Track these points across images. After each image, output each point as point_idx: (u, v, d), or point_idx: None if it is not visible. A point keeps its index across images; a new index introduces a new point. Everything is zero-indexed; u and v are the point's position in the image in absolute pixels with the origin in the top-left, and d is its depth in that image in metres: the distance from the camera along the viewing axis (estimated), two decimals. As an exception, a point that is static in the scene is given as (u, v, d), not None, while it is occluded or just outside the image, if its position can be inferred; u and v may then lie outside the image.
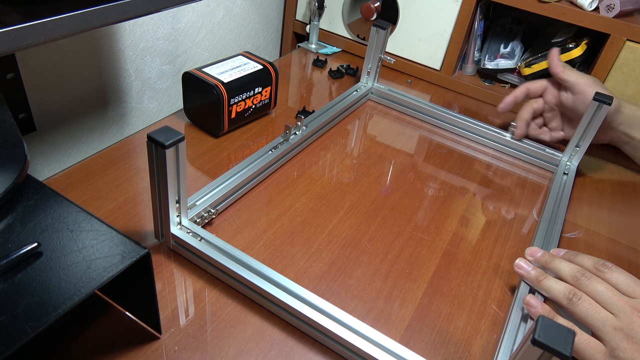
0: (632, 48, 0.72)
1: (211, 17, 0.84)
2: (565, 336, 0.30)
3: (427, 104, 0.78)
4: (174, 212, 0.46)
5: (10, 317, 0.28)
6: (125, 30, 0.69)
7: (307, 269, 0.49)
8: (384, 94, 0.81)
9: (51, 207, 0.36)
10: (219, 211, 0.53)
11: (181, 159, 0.42)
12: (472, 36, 0.87)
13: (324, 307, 0.41)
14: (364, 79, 0.82)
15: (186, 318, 0.42)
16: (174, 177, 0.43)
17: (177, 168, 0.42)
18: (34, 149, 0.64)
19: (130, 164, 0.59)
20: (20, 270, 0.31)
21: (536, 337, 0.29)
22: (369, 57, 0.79)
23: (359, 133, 0.73)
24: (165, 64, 0.79)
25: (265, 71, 0.67)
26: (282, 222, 0.54)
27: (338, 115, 0.74)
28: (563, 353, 0.29)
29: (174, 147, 0.40)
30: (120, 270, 0.32)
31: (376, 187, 0.61)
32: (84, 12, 0.38)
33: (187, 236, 0.46)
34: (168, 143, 0.40)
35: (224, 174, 0.55)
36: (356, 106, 0.79)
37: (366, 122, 0.77)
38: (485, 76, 0.91)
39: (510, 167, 0.71)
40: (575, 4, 0.75)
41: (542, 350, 0.30)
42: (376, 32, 0.76)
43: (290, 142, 0.63)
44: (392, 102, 0.81)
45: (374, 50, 0.78)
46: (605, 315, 0.41)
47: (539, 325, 0.30)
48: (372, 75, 0.81)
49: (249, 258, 0.45)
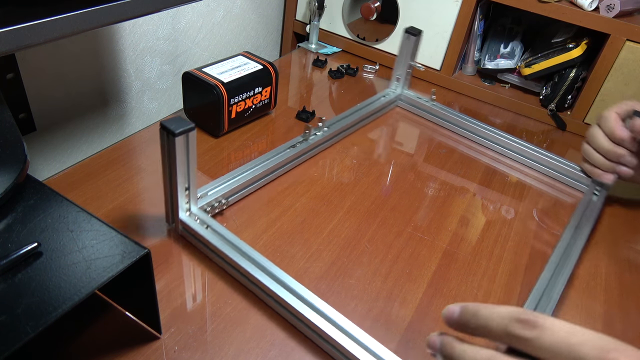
0: (632, 48, 0.72)
1: (211, 17, 0.84)
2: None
3: (458, 115, 0.75)
4: (183, 198, 0.48)
5: (10, 317, 0.28)
6: (125, 30, 0.69)
7: (307, 269, 0.49)
8: (413, 101, 0.79)
9: (51, 207, 0.36)
10: (229, 202, 0.54)
11: (191, 148, 0.44)
12: (472, 36, 0.87)
13: (323, 309, 0.41)
14: (393, 85, 0.80)
15: (193, 303, 0.42)
16: (184, 164, 0.45)
17: (187, 156, 0.45)
18: (34, 149, 0.64)
19: (130, 164, 0.59)
20: (20, 270, 0.31)
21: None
22: (398, 64, 0.78)
23: (382, 139, 0.72)
24: (165, 64, 0.79)
25: (265, 71, 0.67)
26: (282, 222, 0.54)
27: (362, 120, 0.73)
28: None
29: (184, 135, 0.43)
30: (120, 270, 0.32)
31: (376, 187, 0.61)
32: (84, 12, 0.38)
33: (194, 223, 0.48)
34: (178, 131, 0.42)
35: (239, 168, 0.56)
36: (383, 112, 0.78)
37: (392, 129, 0.75)
38: (485, 76, 0.91)
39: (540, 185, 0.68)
40: (575, 4, 0.75)
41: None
42: (407, 38, 0.74)
43: (310, 142, 0.63)
44: (421, 110, 0.79)
45: (404, 56, 0.76)
46: None
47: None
48: (402, 82, 0.79)
49: (252, 250, 0.45)
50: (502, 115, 0.84)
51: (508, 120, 0.83)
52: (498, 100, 0.86)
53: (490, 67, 0.87)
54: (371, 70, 0.91)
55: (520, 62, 0.85)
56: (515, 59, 0.86)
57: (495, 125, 0.76)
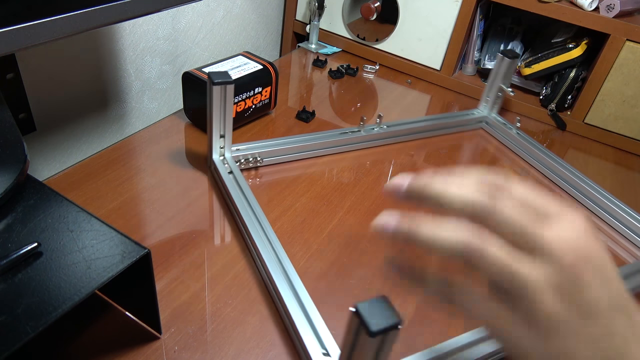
0: (632, 48, 0.72)
1: (211, 17, 0.84)
2: (384, 307, 0.27)
3: (545, 152, 0.69)
4: (217, 142, 0.56)
5: (10, 317, 0.28)
6: (125, 30, 0.69)
7: (307, 269, 0.49)
8: (498, 127, 0.75)
9: (51, 207, 0.36)
10: (263, 163, 0.60)
11: (228, 99, 0.52)
12: (472, 36, 0.87)
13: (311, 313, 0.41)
14: (481, 106, 0.78)
15: (193, 303, 0.42)
16: (220, 112, 0.53)
17: (224, 105, 0.52)
18: (34, 149, 0.64)
19: (130, 164, 0.59)
20: (20, 270, 0.31)
21: (373, 329, 0.27)
22: (490, 85, 0.75)
23: (447, 155, 0.70)
24: (165, 64, 0.79)
25: (265, 71, 0.66)
26: (282, 222, 0.54)
27: (431, 130, 0.72)
28: (396, 323, 0.27)
29: (222, 86, 0.51)
30: (120, 270, 0.32)
31: (376, 187, 0.61)
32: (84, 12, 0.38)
33: (221, 165, 0.56)
34: (217, 81, 0.50)
35: (287, 136, 0.61)
36: (463, 129, 0.76)
37: (467, 149, 0.72)
38: (485, 76, 0.90)
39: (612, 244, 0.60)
40: (575, 4, 0.75)
41: (381, 335, 0.27)
42: (501, 59, 0.71)
43: (363, 134, 0.64)
44: (504, 137, 0.74)
45: (496, 78, 0.73)
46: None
47: (366, 316, 0.27)
48: (490, 104, 0.77)
49: (258, 208, 0.50)
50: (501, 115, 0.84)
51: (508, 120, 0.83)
52: (498, 100, 0.86)
53: (490, 67, 0.87)
54: (371, 70, 0.91)
55: (520, 62, 0.85)
56: (515, 59, 0.86)
57: (588, 173, 0.67)
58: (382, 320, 0.27)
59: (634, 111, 0.76)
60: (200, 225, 0.51)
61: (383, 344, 0.29)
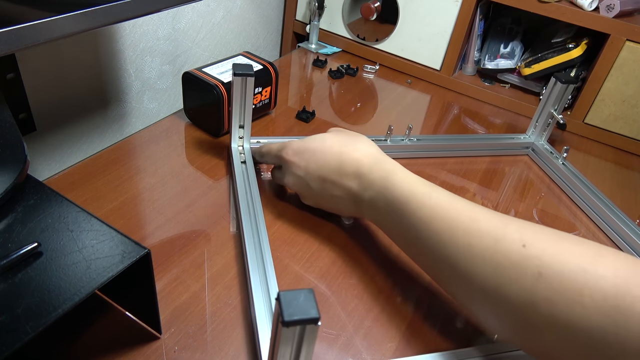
0: (632, 48, 0.72)
1: (211, 17, 0.84)
2: (307, 299, 0.28)
3: (591, 189, 0.63)
4: (236, 132, 0.59)
5: (10, 317, 0.28)
6: (125, 30, 0.69)
7: (307, 269, 0.49)
8: (544, 155, 0.70)
9: (51, 207, 0.36)
10: None
11: (248, 91, 0.54)
12: (472, 36, 0.87)
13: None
14: (529, 132, 0.73)
15: (193, 303, 0.42)
16: (239, 102, 0.55)
17: (244, 96, 0.55)
18: (34, 149, 0.64)
19: (130, 164, 0.59)
20: (20, 270, 0.31)
21: (286, 319, 0.27)
22: (539, 109, 0.70)
23: (477, 179, 0.66)
24: (165, 64, 0.79)
25: (265, 71, 0.66)
26: (282, 222, 0.54)
27: (468, 150, 0.68)
28: (314, 318, 0.27)
29: (242, 77, 0.53)
30: (120, 270, 0.32)
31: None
32: (84, 12, 0.38)
33: (236, 155, 0.58)
34: (238, 72, 0.52)
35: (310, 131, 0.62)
36: (506, 152, 0.72)
37: (508, 175, 0.68)
38: (485, 76, 0.91)
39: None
40: (575, 4, 0.75)
41: (296, 326, 0.28)
42: (554, 83, 0.67)
43: (389, 143, 0.63)
44: (549, 167, 0.69)
45: (546, 103, 0.68)
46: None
47: (283, 304, 0.27)
48: (538, 131, 0.72)
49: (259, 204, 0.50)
50: (502, 115, 0.84)
51: (508, 120, 0.83)
52: (498, 100, 0.86)
53: (490, 67, 0.87)
54: (371, 70, 0.91)
55: (520, 62, 0.85)
56: (515, 59, 0.86)
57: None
58: (298, 312, 0.27)
59: (633, 111, 0.76)
60: (200, 225, 0.51)
61: (300, 337, 0.29)
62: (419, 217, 0.42)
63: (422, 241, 0.41)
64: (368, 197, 0.46)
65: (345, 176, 0.48)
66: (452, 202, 0.41)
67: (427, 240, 0.41)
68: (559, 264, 0.34)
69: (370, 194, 0.46)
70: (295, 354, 0.30)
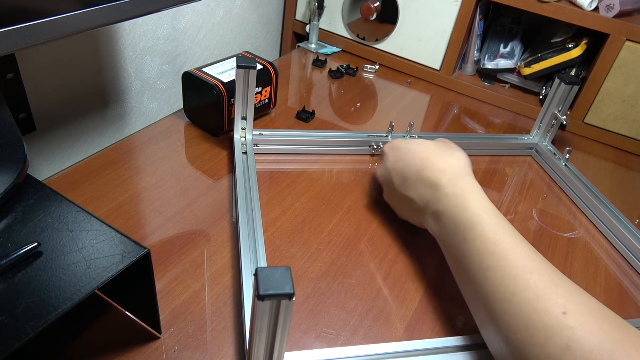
0: (632, 48, 0.72)
1: (211, 17, 0.84)
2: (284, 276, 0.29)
3: (592, 190, 0.63)
4: (239, 123, 0.60)
5: (10, 317, 0.28)
6: (125, 30, 0.69)
7: (307, 269, 0.49)
8: (547, 157, 0.70)
9: (51, 207, 0.36)
10: (279, 151, 0.63)
11: (250, 84, 0.55)
12: (472, 36, 0.87)
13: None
14: (534, 133, 0.73)
15: (193, 303, 0.42)
16: (242, 94, 0.57)
17: (246, 89, 0.56)
18: (34, 149, 0.64)
19: (130, 164, 0.59)
20: (20, 270, 0.31)
21: (261, 293, 0.28)
22: (544, 111, 0.70)
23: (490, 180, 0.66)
24: (165, 64, 0.79)
25: (265, 71, 0.66)
26: (282, 222, 0.54)
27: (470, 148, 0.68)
28: (288, 293, 0.28)
29: (244, 70, 0.54)
30: (120, 270, 0.32)
31: (376, 187, 0.61)
32: (84, 12, 0.38)
33: (238, 145, 0.59)
34: (241, 65, 0.53)
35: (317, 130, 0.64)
36: (505, 153, 0.72)
37: (512, 177, 0.67)
38: (485, 76, 0.91)
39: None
40: (575, 4, 0.75)
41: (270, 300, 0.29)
42: (558, 84, 0.66)
43: (390, 139, 0.64)
44: (552, 169, 0.69)
45: (550, 104, 0.68)
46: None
47: (260, 279, 0.29)
48: (542, 132, 0.72)
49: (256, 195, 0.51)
50: (502, 115, 0.84)
51: (508, 120, 0.83)
52: (498, 100, 0.86)
53: (490, 67, 0.87)
54: (371, 70, 0.91)
55: (520, 62, 0.85)
56: (515, 59, 0.86)
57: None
58: (273, 287, 0.29)
59: (633, 111, 0.76)
60: (200, 225, 0.52)
61: (277, 312, 0.30)
62: (477, 247, 0.41)
63: (472, 271, 0.41)
64: (437, 210, 0.46)
65: (423, 182, 0.48)
66: (514, 244, 0.40)
67: (476, 271, 0.41)
68: (590, 343, 0.32)
69: (440, 207, 0.46)
70: (273, 329, 0.31)
